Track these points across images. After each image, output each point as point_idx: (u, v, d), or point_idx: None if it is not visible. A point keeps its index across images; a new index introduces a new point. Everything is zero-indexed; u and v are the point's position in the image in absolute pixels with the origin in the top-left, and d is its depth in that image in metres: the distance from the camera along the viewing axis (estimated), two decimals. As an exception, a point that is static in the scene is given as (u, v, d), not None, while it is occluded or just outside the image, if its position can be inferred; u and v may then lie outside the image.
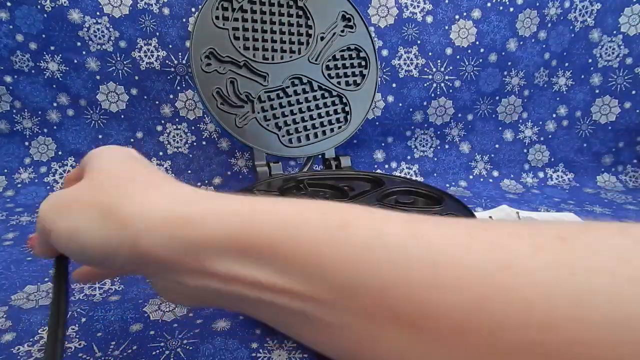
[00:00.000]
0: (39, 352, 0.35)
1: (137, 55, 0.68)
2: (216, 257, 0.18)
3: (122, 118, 0.71)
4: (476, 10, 0.74)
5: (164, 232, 0.19)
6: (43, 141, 0.70)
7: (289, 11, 0.59)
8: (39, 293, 0.43)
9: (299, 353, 0.35)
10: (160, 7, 0.67)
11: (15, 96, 0.67)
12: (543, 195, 0.74)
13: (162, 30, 0.67)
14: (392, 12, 0.73)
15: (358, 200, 0.48)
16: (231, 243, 0.18)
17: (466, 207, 0.45)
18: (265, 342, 0.36)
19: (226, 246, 0.18)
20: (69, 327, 0.38)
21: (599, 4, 0.76)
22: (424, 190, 0.50)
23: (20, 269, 0.47)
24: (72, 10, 0.64)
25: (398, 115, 0.77)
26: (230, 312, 0.40)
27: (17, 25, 0.63)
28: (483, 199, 0.72)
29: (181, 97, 0.71)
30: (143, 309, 0.40)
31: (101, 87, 0.68)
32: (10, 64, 0.65)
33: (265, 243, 0.18)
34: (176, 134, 0.73)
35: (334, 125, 0.63)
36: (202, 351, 0.35)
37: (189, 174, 0.73)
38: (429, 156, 0.80)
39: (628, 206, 0.69)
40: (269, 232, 0.18)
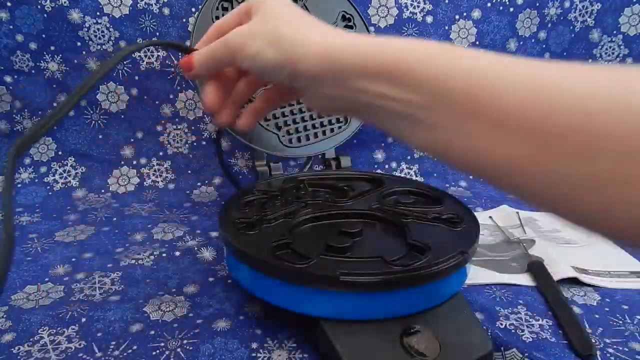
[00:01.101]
0: (39, 352, 0.35)
1: (137, 55, 0.68)
2: (353, 76, 0.27)
3: (122, 118, 0.70)
4: (476, 10, 0.74)
5: (317, 56, 0.28)
6: (43, 141, 0.70)
7: (289, 11, 0.59)
8: (39, 293, 0.43)
9: (299, 353, 0.35)
10: (160, 7, 0.67)
11: (15, 96, 0.67)
12: (543, 195, 0.74)
13: (162, 30, 0.67)
14: (392, 12, 0.73)
15: (358, 200, 0.48)
16: (365, 67, 0.26)
17: (466, 207, 0.45)
18: (265, 342, 0.36)
19: (361, 69, 0.26)
20: (69, 328, 0.38)
21: (599, 4, 0.76)
22: (424, 190, 0.50)
23: (20, 269, 0.47)
24: (72, 10, 0.64)
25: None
26: (231, 312, 0.40)
27: (17, 25, 0.63)
28: (483, 199, 0.71)
29: (181, 97, 0.71)
30: (143, 309, 0.40)
31: (101, 87, 0.68)
32: (10, 64, 0.65)
33: (391, 67, 0.25)
34: (176, 134, 0.73)
35: (334, 125, 0.63)
36: (202, 351, 0.35)
37: (189, 174, 0.73)
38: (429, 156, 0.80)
39: (628, 206, 0.69)
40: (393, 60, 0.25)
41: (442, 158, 0.26)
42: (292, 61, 0.29)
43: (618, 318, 0.40)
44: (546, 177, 0.21)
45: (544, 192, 0.21)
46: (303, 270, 0.33)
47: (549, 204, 0.22)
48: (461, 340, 0.33)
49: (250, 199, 0.47)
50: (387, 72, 0.25)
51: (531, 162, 0.21)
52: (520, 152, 0.21)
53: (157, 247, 0.52)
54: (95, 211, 0.63)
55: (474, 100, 0.22)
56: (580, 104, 0.19)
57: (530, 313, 0.40)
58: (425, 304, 0.35)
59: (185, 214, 0.63)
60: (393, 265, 0.34)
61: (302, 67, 0.28)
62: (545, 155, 0.20)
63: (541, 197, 0.22)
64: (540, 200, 0.22)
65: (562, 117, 0.20)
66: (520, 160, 0.21)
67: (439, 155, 0.26)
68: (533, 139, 0.20)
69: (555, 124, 0.20)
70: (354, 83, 0.27)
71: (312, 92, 0.31)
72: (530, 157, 0.21)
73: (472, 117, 0.22)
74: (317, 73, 0.28)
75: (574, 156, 0.19)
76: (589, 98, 0.19)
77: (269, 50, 0.29)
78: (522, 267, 0.48)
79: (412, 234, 0.39)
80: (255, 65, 0.31)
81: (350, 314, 0.33)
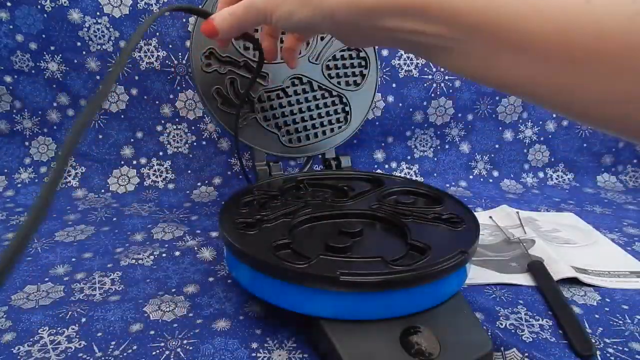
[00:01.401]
0: (39, 352, 0.35)
1: (137, 55, 0.68)
2: (386, 17, 0.28)
3: (122, 118, 0.71)
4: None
5: (350, 6, 0.29)
6: (43, 141, 0.70)
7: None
8: (39, 293, 0.43)
9: (299, 353, 0.35)
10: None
11: (15, 96, 0.67)
12: (543, 195, 0.74)
13: (162, 30, 0.67)
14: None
15: (358, 200, 0.48)
16: (395, 6, 0.27)
17: (466, 207, 0.45)
18: (265, 342, 0.36)
19: (392, 8, 0.27)
20: (69, 328, 0.38)
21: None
22: (424, 190, 0.50)
23: (20, 269, 0.47)
24: (72, 10, 0.64)
25: (398, 115, 0.77)
26: (231, 312, 0.40)
27: (17, 25, 0.63)
28: (483, 199, 0.72)
29: (181, 97, 0.71)
30: (143, 309, 0.40)
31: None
32: (10, 64, 0.65)
33: (420, 4, 0.26)
34: (176, 134, 0.73)
35: (334, 125, 0.63)
36: (202, 351, 0.35)
37: (189, 174, 0.73)
38: (429, 156, 0.80)
39: (628, 206, 0.69)
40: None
41: (475, 80, 0.29)
42: (327, 15, 0.30)
43: (618, 318, 0.40)
44: (572, 94, 0.23)
45: (570, 106, 0.24)
46: (303, 270, 0.33)
47: (574, 115, 0.25)
48: (461, 340, 0.33)
49: (250, 199, 0.47)
50: (417, 9, 0.27)
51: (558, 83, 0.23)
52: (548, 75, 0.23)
53: (157, 247, 0.52)
54: (95, 211, 0.63)
55: (502, 30, 0.24)
56: (603, 26, 0.21)
57: (530, 313, 0.40)
58: (425, 304, 0.35)
59: (185, 214, 0.63)
60: (393, 265, 0.34)
61: (338, 19, 0.30)
62: (572, 76, 0.22)
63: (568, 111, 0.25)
64: (567, 112, 0.25)
65: (586, 41, 0.21)
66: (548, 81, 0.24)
67: (472, 77, 0.28)
68: (560, 62, 0.22)
69: (580, 48, 0.21)
70: (385, 22, 0.28)
71: (349, 36, 0.33)
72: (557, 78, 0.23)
73: (502, 46, 0.24)
74: (352, 19, 0.29)
75: (599, 75, 0.21)
76: (610, 20, 0.21)
77: (302, 10, 0.31)
78: (522, 267, 0.48)
79: (412, 234, 0.39)
80: (291, 24, 0.33)
81: (350, 314, 0.33)
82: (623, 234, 0.58)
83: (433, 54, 0.29)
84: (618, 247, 0.54)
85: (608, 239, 0.56)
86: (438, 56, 0.29)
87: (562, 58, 0.22)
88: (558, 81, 0.23)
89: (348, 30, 0.31)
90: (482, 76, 0.27)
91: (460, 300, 0.37)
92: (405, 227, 0.41)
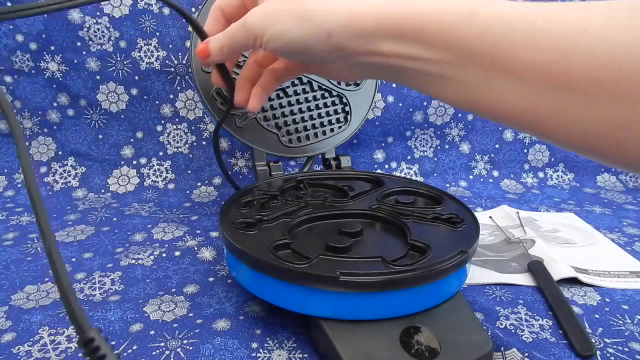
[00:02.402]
0: (39, 352, 0.35)
1: (137, 55, 0.68)
2: (383, 40, 0.27)
3: (122, 118, 0.71)
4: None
5: (348, 27, 0.28)
6: (43, 141, 0.70)
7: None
8: (39, 293, 0.43)
9: (298, 353, 0.35)
10: (160, 7, 0.67)
11: (15, 96, 0.67)
12: (543, 195, 0.74)
13: (162, 30, 0.67)
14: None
15: (358, 200, 0.48)
16: (396, 31, 0.27)
17: (466, 207, 0.45)
18: (265, 342, 0.36)
19: (390, 32, 0.27)
20: (69, 328, 0.38)
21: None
22: (424, 190, 0.50)
23: (20, 269, 0.47)
24: (72, 10, 0.64)
25: (398, 115, 0.77)
26: (231, 312, 0.40)
27: (17, 25, 0.63)
28: (483, 199, 0.72)
29: (181, 97, 0.71)
30: (143, 309, 0.40)
31: (101, 87, 0.68)
32: (10, 64, 0.65)
33: (417, 29, 0.26)
34: (176, 134, 0.73)
35: (334, 125, 0.63)
36: (202, 351, 0.35)
37: (189, 174, 0.73)
38: (429, 156, 0.80)
39: (628, 206, 0.69)
40: (420, 21, 0.26)
41: (471, 110, 0.28)
42: (324, 36, 0.28)
43: (618, 318, 0.40)
44: (569, 123, 0.23)
45: (567, 135, 0.24)
46: (303, 270, 0.33)
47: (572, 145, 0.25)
48: (461, 340, 0.33)
49: (250, 199, 0.47)
50: (416, 32, 0.26)
51: (555, 111, 0.23)
52: (545, 104, 0.23)
53: (157, 247, 0.52)
54: (95, 211, 0.63)
55: (500, 57, 0.24)
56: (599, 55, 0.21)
57: (530, 313, 0.40)
58: (425, 304, 0.35)
59: (185, 214, 0.63)
60: (393, 265, 0.34)
61: (335, 40, 0.28)
62: (568, 104, 0.22)
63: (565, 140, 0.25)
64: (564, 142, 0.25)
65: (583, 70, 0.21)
66: (545, 110, 0.23)
67: (468, 108, 0.28)
68: (556, 91, 0.22)
69: (577, 77, 0.22)
70: (382, 46, 0.27)
71: (341, 63, 0.31)
72: (554, 107, 0.23)
73: (500, 74, 0.24)
74: (348, 41, 0.28)
75: (596, 104, 0.22)
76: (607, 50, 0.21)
77: (297, 29, 0.29)
78: (522, 267, 0.48)
79: (412, 234, 0.39)
80: (283, 46, 0.30)
81: (350, 314, 0.33)
82: (623, 234, 0.58)
83: (427, 82, 0.28)
84: (618, 247, 0.54)
85: (608, 239, 0.56)
86: (432, 84, 0.28)
87: (559, 86, 0.22)
88: (555, 108, 0.23)
89: (342, 55, 0.30)
90: (476, 105, 0.27)
91: (460, 300, 0.37)
92: (405, 227, 0.41)
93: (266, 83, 0.39)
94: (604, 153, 0.24)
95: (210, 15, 0.37)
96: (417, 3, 0.27)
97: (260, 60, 0.40)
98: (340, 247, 0.37)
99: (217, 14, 0.37)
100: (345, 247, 0.37)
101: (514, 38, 0.23)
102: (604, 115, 0.22)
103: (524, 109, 0.24)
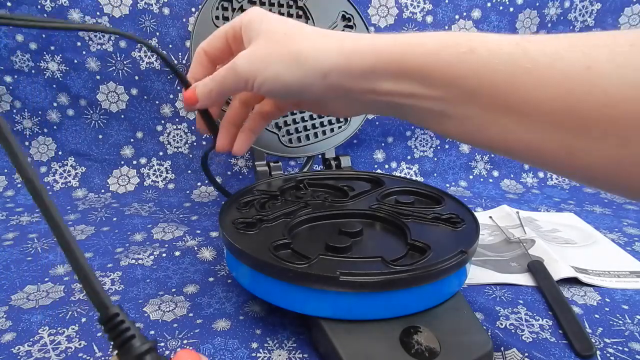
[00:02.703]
0: (39, 352, 0.35)
1: (137, 55, 0.68)
2: (381, 79, 0.27)
3: (122, 118, 0.71)
4: (476, 10, 0.74)
5: (343, 67, 0.27)
6: (43, 141, 0.70)
7: (289, 11, 0.59)
8: (39, 293, 0.43)
9: (298, 353, 0.35)
10: (160, 7, 0.67)
11: (15, 96, 0.67)
12: (543, 195, 0.74)
13: (162, 30, 0.67)
14: (392, 12, 0.73)
15: (358, 200, 0.48)
16: (391, 69, 0.26)
17: (466, 207, 0.45)
18: (265, 342, 0.36)
19: (388, 71, 0.26)
20: (69, 328, 0.38)
21: (599, 4, 0.76)
22: (424, 190, 0.50)
23: (20, 269, 0.47)
24: (72, 10, 0.64)
25: (398, 115, 0.77)
26: (231, 312, 0.40)
27: (17, 25, 0.63)
28: (483, 199, 0.72)
29: (181, 97, 0.71)
30: (143, 309, 0.40)
31: (101, 87, 0.68)
32: (10, 64, 0.65)
33: (416, 67, 0.25)
34: (176, 134, 0.73)
35: (334, 125, 0.63)
36: (202, 351, 0.35)
37: (189, 174, 0.73)
38: (429, 156, 0.80)
39: (628, 206, 0.69)
40: (418, 60, 0.25)
41: (475, 145, 0.28)
42: (319, 77, 0.28)
43: (618, 318, 0.40)
44: (578, 160, 0.23)
45: (576, 170, 0.24)
46: (303, 270, 0.33)
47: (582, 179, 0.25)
48: (461, 340, 0.33)
49: (250, 199, 0.47)
50: (416, 72, 0.25)
51: (561, 148, 0.23)
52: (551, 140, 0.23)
53: (157, 247, 0.52)
54: (95, 211, 0.63)
55: (502, 96, 0.23)
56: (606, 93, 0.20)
57: (530, 313, 0.40)
58: (425, 304, 0.35)
59: (185, 214, 0.63)
60: (393, 265, 0.34)
61: (331, 81, 0.28)
62: (575, 141, 0.22)
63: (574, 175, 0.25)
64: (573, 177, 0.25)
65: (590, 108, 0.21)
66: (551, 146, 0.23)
67: (471, 143, 0.28)
68: (562, 128, 0.22)
69: (583, 115, 0.21)
70: (382, 85, 0.27)
71: (339, 102, 0.30)
72: (560, 144, 0.22)
73: (503, 111, 0.24)
74: (345, 81, 0.28)
75: (604, 141, 0.21)
76: (614, 88, 0.20)
77: (290, 71, 0.28)
78: (522, 267, 0.48)
79: (412, 233, 0.39)
80: (275, 89, 0.30)
81: (350, 314, 0.33)
82: (623, 234, 0.58)
83: (428, 118, 0.27)
84: (618, 247, 0.54)
85: (608, 239, 0.56)
86: (433, 121, 0.27)
87: (565, 123, 0.22)
88: (561, 145, 0.23)
89: (339, 94, 0.29)
90: (480, 140, 0.26)
91: (460, 300, 0.37)
92: (405, 227, 0.41)
93: (254, 125, 0.38)
94: (615, 187, 0.23)
95: (195, 59, 0.36)
96: (413, 40, 0.26)
97: (246, 101, 0.38)
98: (340, 247, 0.37)
99: (201, 58, 0.35)
100: (345, 247, 0.37)
101: (516, 75, 0.22)
102: (613, 152, 0.21)
103: (529, 145, 0.24)
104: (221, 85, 0.32)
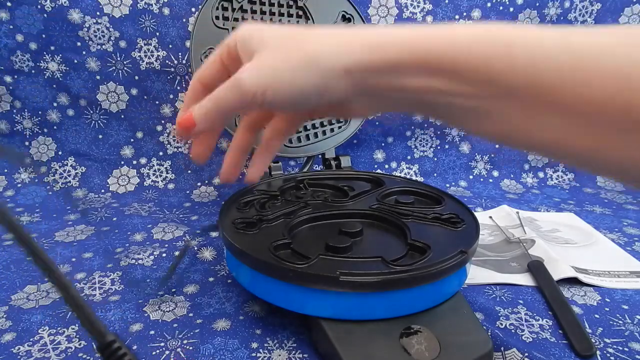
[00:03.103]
0: (39, 352, 0.35)
1: (137, 55, 0.68)
2: (409, 74, 0.24)
3: (122, 118, 0.71)
4: (476, 10, 0.74)
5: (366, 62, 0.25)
6: (43, 141, 0.70)
7: (289, 11, 0.59)
8: (39, 293, 0.43)
9: (298, 353, 0.35)
10: (160, 7, 0.67)
11: (15, 96, 0.67)
12: (543, 195, 0.74)
13: (162, 30, 0.67)
14: (392, 12, 0.73)
15: (358, 200, 0.48)
16: (421, 64, 0.24)
17: (466, 207, 0.45)
18: (265, 342, 0.36)
19: (417, 65, 0.24)
20: (69, 328, 0.38)
21: (599, 4, 0.76)
22: (424, 190, 0.50)
23: (20, 269, 0.47)
24: (72, 10, 0.64)
25: (398, 115, 0.77)
26: (231, 312, 0.40)
27: (17, 25, 0.63)
28: (483, 199, 0.72)
29: (181, 97, 0.71)
30: (143, 309, 0.40)
31: (101, 87, 0.68)
32: (10, 64, 0.65)
33: (447, 62, 0.23)
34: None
35: (334, 125, 0.63)
36: (202, 351, 0.35)
37: (189, 174, 0.73)
38: (429, 156, 0.80)
39: (628, 206, 0.69)
40: (450, 54, 0.23)
41: (508, 143, 0.26)
42: (338, 76, 0.25)
43: (618, 318, 0.40)
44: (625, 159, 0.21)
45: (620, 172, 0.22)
46: (303, 270, 0.33)
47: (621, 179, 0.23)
48: (461, 340, 0.33)
49: (250, 199, 0.47)
50: (447, 67, 0.23)
51: (609, 148, 0.21)
52: (595, 140, 0.21)
53: (157, 247, 0.52)
54: (95, 211, 0.63)
55: (545, 93, 0.21)
56: None
57: (530, 313, 0.40)
58: (425, 304, 0.35)
59: (185, 214, 0.63)
60: (393, 265, 0.34)
61: (354, 78, 0.26)
62: (625, 143, 0.20)
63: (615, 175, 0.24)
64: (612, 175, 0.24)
65: None
66: (596, 145, 0.21)
67: (506, 141, 0.25)
68: (611, 128, 0.20)
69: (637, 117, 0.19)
70: (411, 81, 0.25)
71: (362, 101, 0.28)
72: (608, 144, 0.21)
73: (543, 108, 0.22)
74: (370, 77, 0.25)
75: None
76: None
77: (306, 74, 0.26)
78: (522, 267, 0.48)
79: (412, 234, 0.39)
80: (291, 97, 0.27)
81: (350, 314, 0.33)
82: (623, 234, 0.58)
83: (459, 117, 0.26)
84: (618, 247, 0.54)
85: (608, 239, 0.56)
86: (465, 119, 0.26)
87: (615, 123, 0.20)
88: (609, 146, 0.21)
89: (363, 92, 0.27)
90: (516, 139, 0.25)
91: (460, 300, 0.37)
92: (405, 227, 0.41)
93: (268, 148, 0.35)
94: None
95: (190, 91, 0.33)
96: (443, 32, 0.24)
97: (252, 124, 0.35)
98: (340, 247, 0.37)
99: (196, 87, 0.32)
100: (345, 247, 0.37)
101: (561, 72, 0.21)
102: None
103: (571, 144, 0.22)
104: (223, 103, 0.28)
